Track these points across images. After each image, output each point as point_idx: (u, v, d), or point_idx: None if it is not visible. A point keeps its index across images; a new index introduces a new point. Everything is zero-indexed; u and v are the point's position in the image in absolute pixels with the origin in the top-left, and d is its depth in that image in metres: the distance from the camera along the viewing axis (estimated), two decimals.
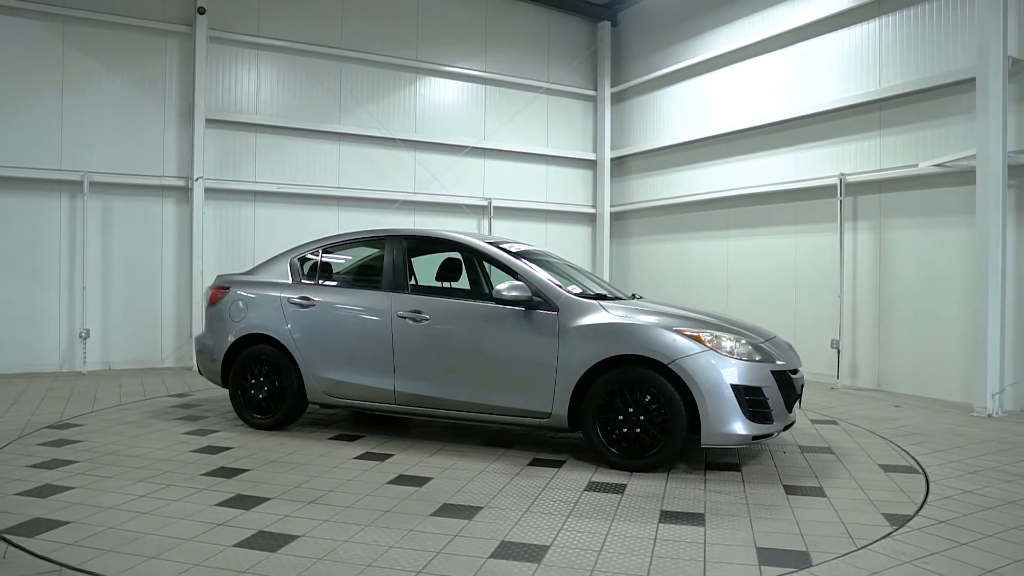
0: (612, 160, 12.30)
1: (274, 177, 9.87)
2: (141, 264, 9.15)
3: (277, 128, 9.86)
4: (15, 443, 5.17)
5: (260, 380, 5.70)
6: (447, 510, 3.81)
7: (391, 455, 4.99)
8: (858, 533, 3.51)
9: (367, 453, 5.03)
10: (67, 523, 3.52)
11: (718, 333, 4.62)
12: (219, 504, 3.85)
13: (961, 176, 7.18)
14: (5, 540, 3.30)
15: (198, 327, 9.13)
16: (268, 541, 3.33)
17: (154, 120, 9.19)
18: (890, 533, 3.51)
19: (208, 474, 4.43)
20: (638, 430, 4.56)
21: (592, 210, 12.48)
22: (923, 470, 4.70)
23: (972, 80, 6.96)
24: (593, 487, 4.27)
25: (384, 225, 10.34)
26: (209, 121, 9.31)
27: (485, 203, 11.44)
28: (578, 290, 5.12)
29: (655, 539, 3.43)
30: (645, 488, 4.26)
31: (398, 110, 10.79)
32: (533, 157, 11.94)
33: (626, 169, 12.24)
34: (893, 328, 7.89)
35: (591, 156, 12.42)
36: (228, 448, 5.10)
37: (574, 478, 4.46)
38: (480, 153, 11.43)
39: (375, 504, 3.90)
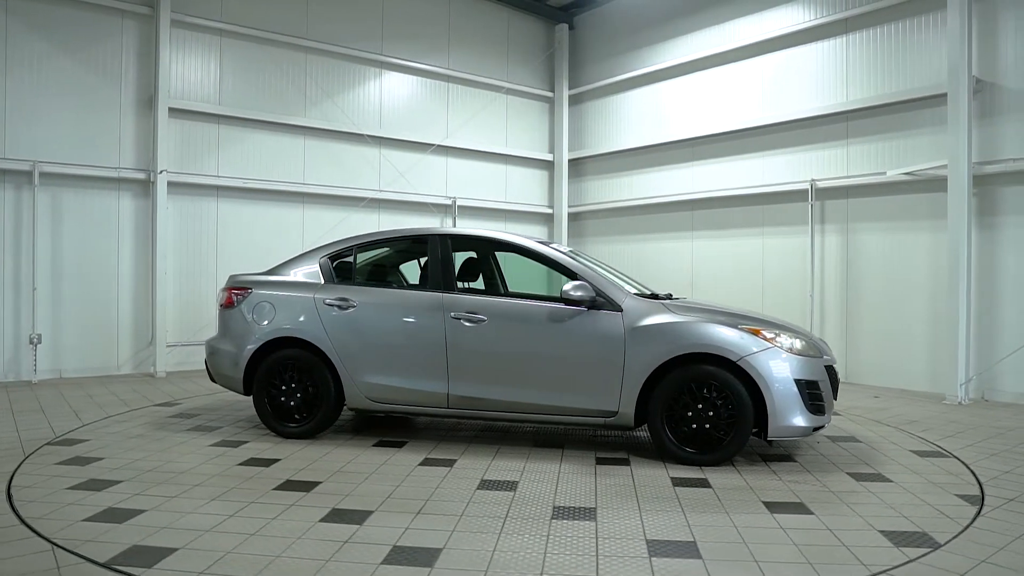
0: (569, 161, 12.49)
1: (237, 171, 9.31)
2: (95, 263, 8.36)
3: (241, 120, 9.31)
4: (27, 463, 4.61)
5: (292, 386, 5.39)
6: (564, 513, 3.78)
7: (454, 460, 4.87)
8: (952, 513, 3.80)
9: (429, 459, 4.87)
10: (174, 549, 3.21)
11: (777, 330, 4.84)
12: (324, 520, 3.62)
13: (927, 184, 7.88)
14: (123, 573, 2.96)
15: (161, 331, 8.50)
16: (415, 555, 3.18)
17: (109, 107, 8.42)
18: (980, 512, 3.82)
19: (280, 488, 4.16)
20: (707, 426, 4.70)
21: (549, 210, 12.62)
22: (952, 454, 5.13)
23: (936, 96, 7.68)
24: (679, 483, 4.36)
25: (350, 223, 10.09)
26: (171, 110, 8.64)
27: (449, 202, 11.31)
28: (634, 290, 5.21)
29: (783, 529, 3.56)
30: (727, 481, 4.40)
31: (364, 105, 10.46)
32: (493, 156, 11.93)
33: (582, 171, 12.47)
34: (860, 325, 8.53)
35: (548, 157, 12.56)
36: (276, 459, 4.80)
37: (653, 475, 4.54)
38: (443, 151, 11.29)
39: (486, 511, 3.80)
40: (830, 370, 4.95)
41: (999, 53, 7.32)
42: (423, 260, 5.77)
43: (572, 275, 5.08)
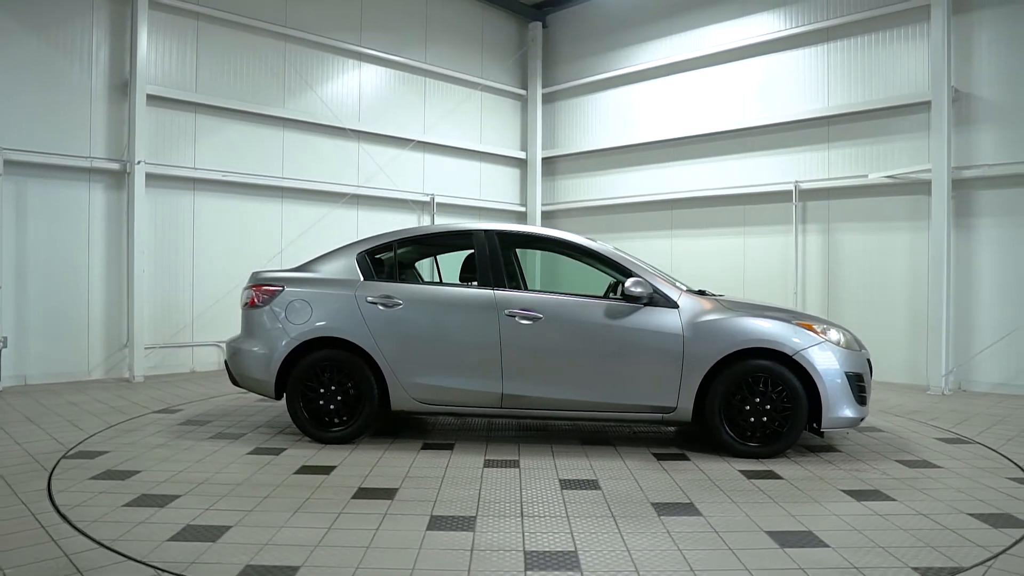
0: (542, 160, 12.50)
1: (215, 163, 8.79)
2: (63, 260, 7.70)
3: (218, 109, 8.80)
4: (56, 479, 4.18)
5: (332, 389, 5.12)
6: (667, 509, 3.77)
7: (515, 460, 4.77)
8: (1020, 495, 4.03)
9: (490, 461, 4.75)
10: (296, 568, 2.98)
11: (826, 325, 5.00)
12: (432, 529, 3.46)
13: (905, 187, 8.34)
14: None
15: (139, 334, 7.93)
16: (555, 560, 3.08)
17: (79, 91, 7.77)
18: None
19: (359, 497, 3.94)
20: (764, 419, 4.80)
21: (522, 208, 12.59)
22: (974, 440, 5.45)
23: (914, 104, 8.15)
24: (751, 475, 4.43)
25: (330, 220, 9.78)
26: (148, 97, 8.06)
27: (427, 199, 11.09)
28: (684, 287, 5.25)
29: (879, 515, 3.67)
30: (793, 472, 4.50)
31: (342, 97, 10.11)
32: (468, 153, 11.80)
33: (554, 169, 12.51)
34: (841, 321, 8.89)
35: (521, 155, 12.52)
36: (332, 466, 4.55)
37: (719, 469, 4.58)
38: (420, 147, 11.06)
39: (588, 511, 3.74)
40: (868, 363, 5.15)
41: (973, 65, 7.84)
42: (463, 256, 5.61)
43: (625, 272, 5.09)
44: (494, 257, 5.23)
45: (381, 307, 5.12)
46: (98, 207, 7.92)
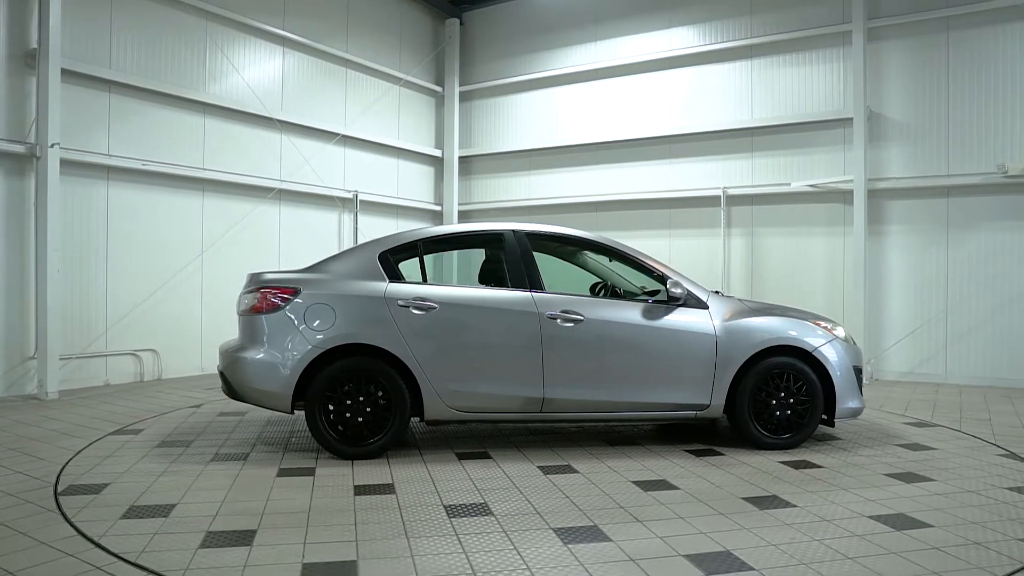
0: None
1: (131, 150, 7.76)
2: None
3: (135, 89, 7.78)
4: (81, 523, 3.48)
5: (360, 400, 4.72)
6: (761, 503, 3.89)
7: (568, 464, 4.69)
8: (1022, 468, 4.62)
9: (545, 467, 4.63)
10: None
11: (833, 324, 5.41)
12: (570, 542, 3.31)
13: (823, 195, 9.20)
14: None
15: (52, 343, 6.82)
16: (724, 562, 3.08)
17: None
18: None
19: (455, 516, 3.67)
20: (788, 412, 5.10)
21: (438, 207, 12.33)
22: (934, 423, 6.14)
23: (832, 120, 9.03)
24: (796, 465, 4.69)
25: (255, 217, 9.02)
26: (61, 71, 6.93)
27: (350, 195, 10.53)
28: (708, 289, 5.43)
29: (939, 495, 4.04)
30: (828, 460, 4.83)
31: (266, 83, 9.34)
32: (387, 149, 11.38)
33: (470, 169, 12.39)
34: None
35: (436, 153, 12.26)
36: (387, 483, 4.21)
37: (761, 462, 4.79)
38: (342, 141, 10.49)
39: (691, 510, 3.76)
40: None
41: (883, 88, 8.83)
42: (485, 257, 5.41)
43: (652, 273, 5.21)
44: (527, 258, 5.10)
45: (415, 311, 4.80)
46: None
